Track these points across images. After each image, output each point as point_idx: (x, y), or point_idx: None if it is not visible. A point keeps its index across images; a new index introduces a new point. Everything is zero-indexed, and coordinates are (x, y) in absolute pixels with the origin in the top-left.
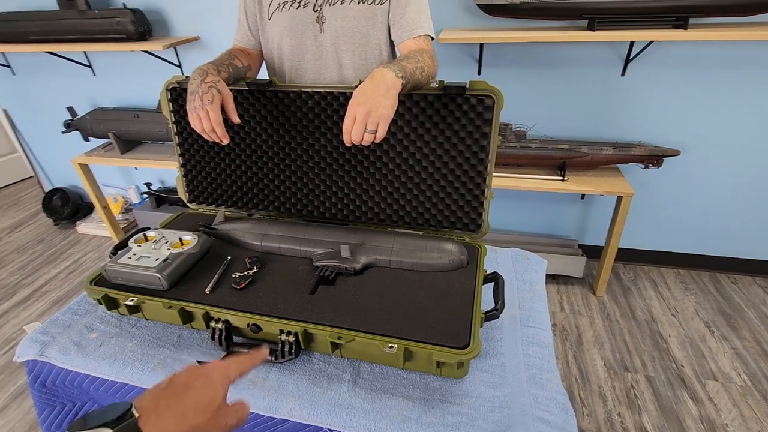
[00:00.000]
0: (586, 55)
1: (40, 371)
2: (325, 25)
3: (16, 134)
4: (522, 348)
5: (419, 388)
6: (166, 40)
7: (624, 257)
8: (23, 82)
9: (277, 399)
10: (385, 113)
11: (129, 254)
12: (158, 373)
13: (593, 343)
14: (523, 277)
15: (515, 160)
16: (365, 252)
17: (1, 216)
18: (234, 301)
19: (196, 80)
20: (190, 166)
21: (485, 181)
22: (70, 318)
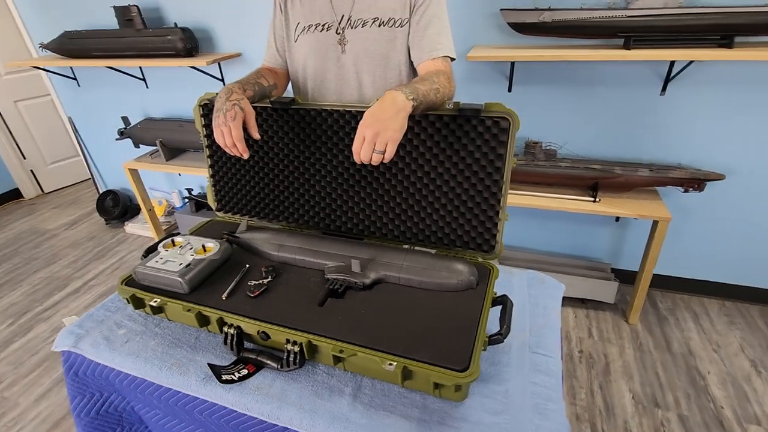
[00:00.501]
0: (623, 73)
1: (74, 362)
2: (346, 47)
3: (78, 140)
4: (528, 375)
5: (418, 408)
6: (211, 56)
7: (662, 284)
8: (86, 93)
9: (280, 407)
10: (393, 135)
11: (157, 258)
12: (173, 372)
13: (622, 374)
14: (537, 301)
15: (545, 178)
16: (375, 267)
17: (61, 213)
18: (247, 308)
19: (222, 98)
20: (219, 176)
21: (500, 202)
22: (104, 314)
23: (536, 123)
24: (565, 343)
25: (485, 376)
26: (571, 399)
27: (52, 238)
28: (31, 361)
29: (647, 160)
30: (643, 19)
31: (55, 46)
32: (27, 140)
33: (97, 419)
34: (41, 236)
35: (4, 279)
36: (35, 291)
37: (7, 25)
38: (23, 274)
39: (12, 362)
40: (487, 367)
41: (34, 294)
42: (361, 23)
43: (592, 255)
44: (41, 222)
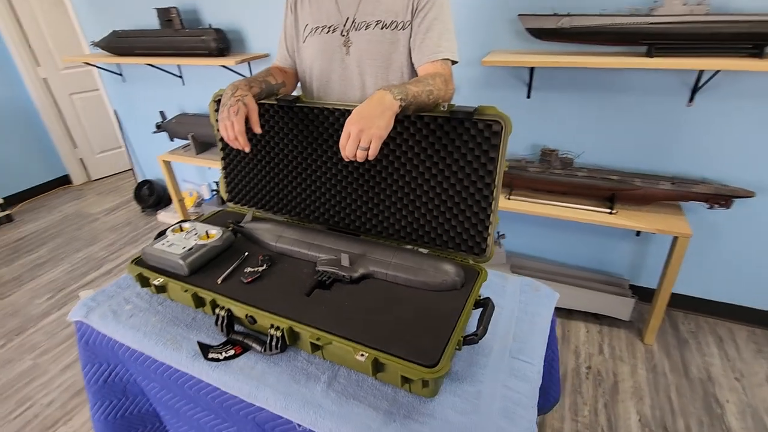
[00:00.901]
0: (648, 81)
1: (85, 332)
2: (351, 49)
3: (121, 131)
4: (503, 379)
5: (388, 401)
6: (240, 56)
7: (685, 305)
8: (130, 88)
9: (257, 387)
10: (377, 132)
11: (164, 241)
12: (167, 347)
13: (631, 395)
14: (526, 308)
15: (560, 187)
16: (365, 263)
17: (103, 199)
18: (239, 292)
19: (228, 94)
20: (230, 169)
21: (491, 205)
22: (115, 290)
23: (554, 130)
24: (573, 357)
25: (460, 376)
26: (573, 415)
27: (93, 222)
28: (63, 333)
29: (669, 173)
30: (667, 26)
31: (105, 44)
32: (78, 131)
33: (104, 387)
34: (84, 219)
35: (48, 257)
36: (74, 269)
37: (66, 24)
38: (65, 253)
39: (47, 333)
40: (464, 368)
41: (72, 272)
42: (364, 25)
43: (610, 269)
44: (86, 207)
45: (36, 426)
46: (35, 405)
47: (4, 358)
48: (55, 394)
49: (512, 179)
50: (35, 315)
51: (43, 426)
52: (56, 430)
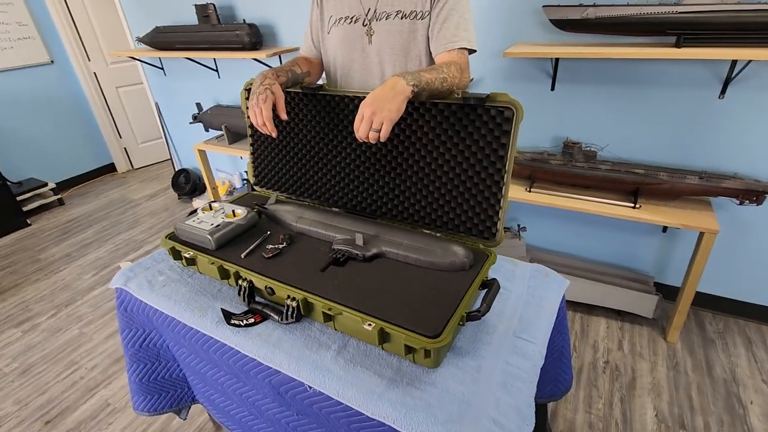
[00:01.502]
0: (677, 73)
1: (124, 298)
2: (373, 38)
3: (161, 123)
4: (505, 356)
5: (392, 369)
6: (271, 50)
7: (714, 305)
8: (170, 81)
9: (273, 352)
10: (389, 115)
11: (194, 218)
12: (195, 314)
13: (649, 391)
14: (534, 292)
15: (582, 180)
16: (378, 243)
17: (144, 186)
18: (260, 266)
19: (257, 82)
20: (257, 154)
21: (501, 190)
22: (151, 263)
23: (577, 123)
24: (591, 351)
25: (463, 351)
26: (587, 407)
27: (135, 207)
28: (106, 305)
29: (698, 168)
30: (697, 15)
31: (148, 40)
32: (123, 122)
33: (140, 351)
34: (127, 204)
35: (95, 237)
36: (116, 249)
37: (114, 21)
38: (109, 234)
39: (92, 305)
40: (468, 344)
41: (115, 252)
42: (385, 16)
43: (635, 266)
44: (129, 193)
45: (81, 387)
46: (80, 368)
47: (55, 327)
48: (98, 360)
49: (534, 171)
50: (82, 289)
51: (86, 387)
52: (98, 391)
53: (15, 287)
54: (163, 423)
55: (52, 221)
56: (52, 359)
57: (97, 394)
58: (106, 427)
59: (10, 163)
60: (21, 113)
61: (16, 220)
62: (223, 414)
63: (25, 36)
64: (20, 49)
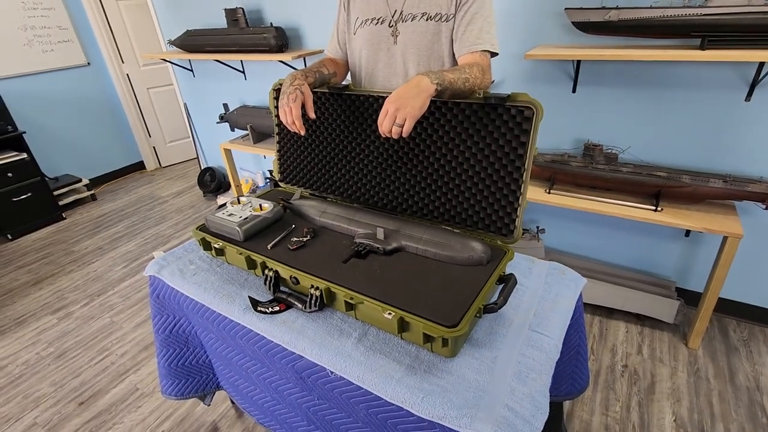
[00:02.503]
0: (701, 75)
1: (157, 286)
2: (398, 39)
3: (189, 123)
4: (520, 348)
5: (411, 357)
6: (296, 53)
7: (739, 312)
8: (198, 83)
9: (297, 338)
10: (412, 112)
11: (224, 211)
12: (223, 301)
13: (668, 396)
14: (551, 288)
15: (602, 183)
16: (398, 237)
17: (172, 184)
18: (285, 257)
19: (287, 83)
20: (284, 151)
21: (520, 188)
22: (182, 253)
23: (599, 126)
24: (609, 355)
25: (480, 343)
26: (603, 409)
27: (163, 203)
28: (136, 296)
29: (722, 172)
30: (722, 18)
31: (179, 42)
32: (153, 121)
33: (170, 337)
34: (155, 201)
35: (125, 231)
36: (145, 243)
37: (148, 25)
38: (139, 229)
39: (122, 295)
40: (484, 336)
41: (144, 246)
42: (411, 17)
43: (656, 271)
44: (157, 190)
45: (112, 372)
46: (111, 355)
47: (87, 315)
48: (128, 347)
49: (554, 173)
50: (113, 280)
51: (116, 372)
52: (128, 376)
53: (51, 277)
54: (188, 408)
55: (85, 215)
56: (85, 345)
57: (126, 379)
58: (135, 409)
59: (49, 159)
60: (59, 112)
61: (53, 214)
62: (245, 399)
63: (65, 39)
64: (60, 51)
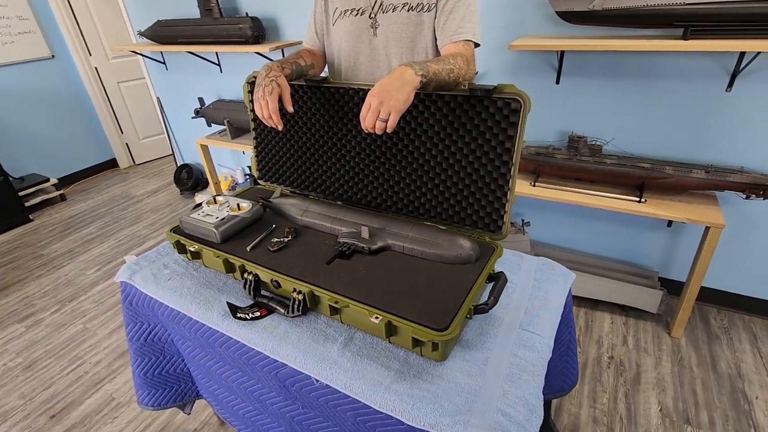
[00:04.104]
0: (684, 66)
1: (129, 292)
2: (378, 30)
3: (163, 118)
4: (511, 348)
5: (399, 362)
6: (274, 44)
7: (719, 300)
8: (172, 76)
9: (280, 345)
10: (396, 105)
11: (199, 211)
12: (201, 307)
13: (653, 386)
14: (540, 284)
15: (587, 175)
16: (383, 236)
17: (146, 182)
18: (265, 260)
19: (262, 75)
20: (261, 148)
21: (508, 183)
22: (156, 256)
23: (583, 117)
24: (595, 346)
25: (470, 344)
26: (591, 402)
27: (137, 203)
28: (109, 301)
29: (704, 162)
30: (705, 7)
31: (150, 34)
32: (125, 117)
33: (144, 346)
34: (129, 200)
35: (97, 233)
36: (119, 245)
37: (116, 15)
38: (112, 230)
39: (95, 301)
40: (474, 336)
41: (118, 248)
42: (391, 8)
43: (639, 261)
44: (131, 188)
45: (85, 381)
46: (85, 363)
47: (58, 322)
48: (102, 355)
49: (539, 166)
50: (86, 284)
51: (91, 382)
52: (103, 386)
53: (18, 283)
54: (167, 417)
55: (54, 217)
56: (56, 354)
57: (101, 388)
58: (111, 421)
59: (12, 158)
60: (22, 108)
61: (19, 216)
62: (226, 410)
63: (26, 30)
64: (21, 43)
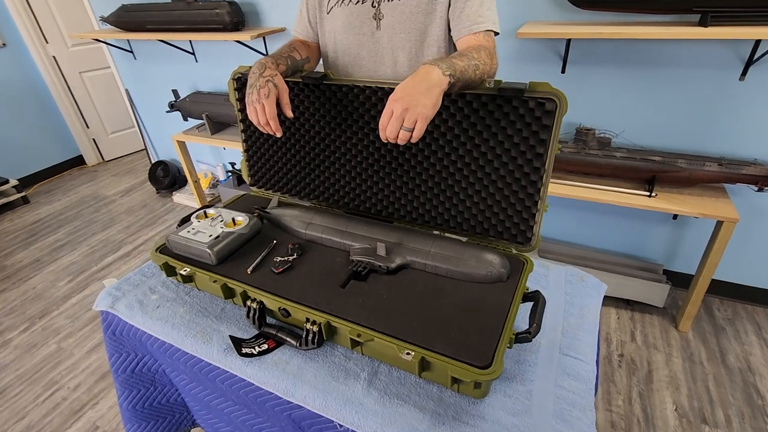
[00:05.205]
0: (696, 54)
1: (112, 321)
2: (382, 22)
3: (133, 111)
4: (556, 378)
5: (434, 401)
6: (255, 31)
7: (722, 291)
8: (141, 66)
9: (295, 384)
10: (424, 112)
11: (189, 228)
12: (198, 340)
13: (666, 384)
14: (573, 300)
15: (596, 169)
16: (402, 252)
17: (118, 181)
18: (270, 283)
19: (255, 74)
20: (252, 151)
21: (539, 192)
22: (140, 279)
23: (591, 108)
24: (605, 345)
25: (509, 375)
26: (607, 405)
27: (110, 203)
28: (85, 316)
29: (717, 154)
30: None
31: (114, 19)
32: (90, 110)
33: (132, 377)
34: (100, 201)
35: (67, 239)
36: (92, 252)
37: None
38: (83, 236)
39: (69, 316)
40: (512, 365)
41: (91, 255)
42: None
43: (644, 254)
44: (101, 188)
45: (65, 409)
46: (62, 389)
47: (28, 342)
48: (81, 378)
49: None
50: (57, 298)
51: (71, 409)
52: (84, 413)
53: None
54: None
55: (16, 222)
56: (28, 379)
57: (83, 416)
58: None
59: None
60: None
61: None
62: None
63: None
64: None
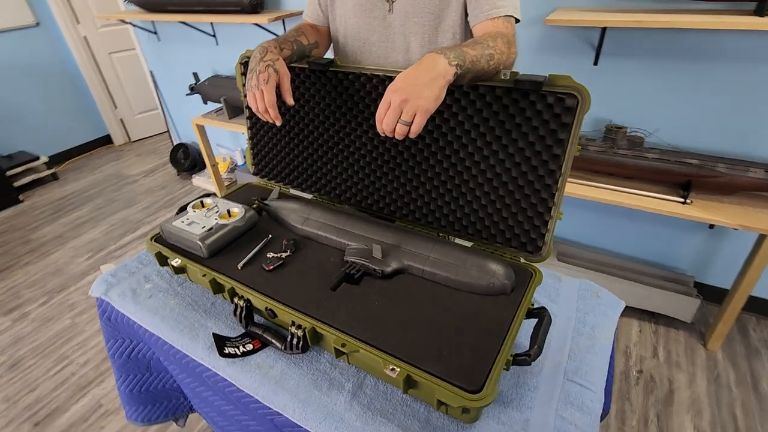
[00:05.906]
0: (748, 47)
1: (107, 308)
2: (395, 5)
3: (157, 93)
4: (557, 407)
5: (420, 422)
6: (274, 14)
7: (761, 309)
8: (165, 48)
9: (275, 391)
10: (424, 105)
11: (184, 218)
12: (184, 335)
13: (688, 407)
14: (585, 318)
15: (624, 170)
16: (399, 256)
17: (142, 161)
18: (260, 281)
19: (256, 58)
20: (257, 139)
21: (554, 197)
22: (136, 266)
23: (623, 104)
24: (623, 358)
25: (505, 399)
26: (620, 424)
27: (132, 183)
28: None
29: (760, 158)
30: None
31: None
32: (118, 91)
33: (128, 362)
34: (123, 181)
35: (89, 216)
36: (111, 230)
37: None
38: (104, 214)
39: (85, 293)
40: (509, 388)
41: (110, 233)
42: None
43: (673, 264)
44: (125, 168)
45: (72, 384)
46: (72, 364)
47: (45, 316)
48: (90, 355)
49: None
50: (75, 274)
51: (78, 385)
52: (90, 390)
53: (6, 270)
54: (159, 428)
55: (45, 197)
56: (41, 353)
57: (89, 393)
58: (97, 431)
59: None
60: (6, 81)
61: (7, 197)
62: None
63: None
64: (2, 8)
